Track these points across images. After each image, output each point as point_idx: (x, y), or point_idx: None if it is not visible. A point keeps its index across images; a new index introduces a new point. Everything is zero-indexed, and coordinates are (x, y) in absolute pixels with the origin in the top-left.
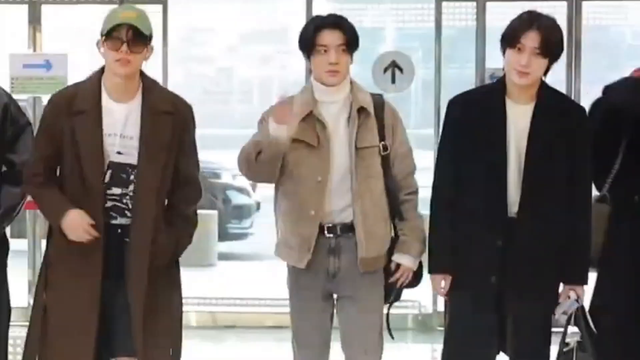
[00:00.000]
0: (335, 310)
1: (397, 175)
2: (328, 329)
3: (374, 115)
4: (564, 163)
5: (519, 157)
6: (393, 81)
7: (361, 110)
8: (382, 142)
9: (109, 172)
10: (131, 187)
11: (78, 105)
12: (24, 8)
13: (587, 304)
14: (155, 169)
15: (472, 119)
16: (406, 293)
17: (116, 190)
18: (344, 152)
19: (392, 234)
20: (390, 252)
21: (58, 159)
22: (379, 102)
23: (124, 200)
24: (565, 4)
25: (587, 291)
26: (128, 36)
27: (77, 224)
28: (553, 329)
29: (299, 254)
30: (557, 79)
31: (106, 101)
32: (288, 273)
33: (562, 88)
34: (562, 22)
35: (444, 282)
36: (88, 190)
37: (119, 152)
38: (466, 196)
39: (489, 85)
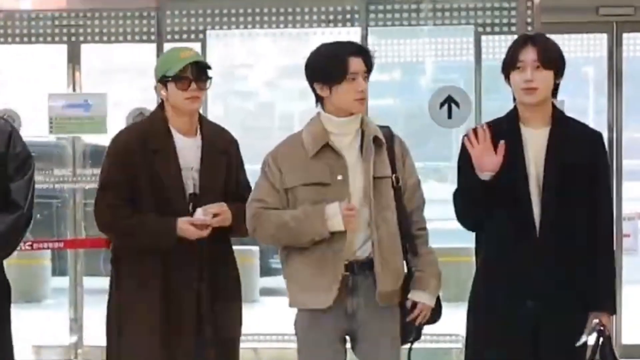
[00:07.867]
0: (349, 350)
1: (407, 209)
2: None
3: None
4: (584, 188)
5: (538, 180)
6: (450, 116)
7: (375, 139)
8: (394, 174)
9: (190, 205)
10: None
11: (152, 144)
12: (64, 47)
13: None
14: (215, 196)
15: None
16: (450, 327)
17: None
18: (359, 183)
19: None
20: (404, 288)
21: (131, 192)
22: (388, 135)
23: None
24: (605, 36)
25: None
26: (194, 74)
27: (191, 229)
28: None
29: (325, 293)
30: (598, 109)
31: (177, 138)
32: (300, 317)
33: (603, 119)
34: (603, 54)
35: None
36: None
37: (195, 185)
38: (492, 221)
39: (501, 117)
